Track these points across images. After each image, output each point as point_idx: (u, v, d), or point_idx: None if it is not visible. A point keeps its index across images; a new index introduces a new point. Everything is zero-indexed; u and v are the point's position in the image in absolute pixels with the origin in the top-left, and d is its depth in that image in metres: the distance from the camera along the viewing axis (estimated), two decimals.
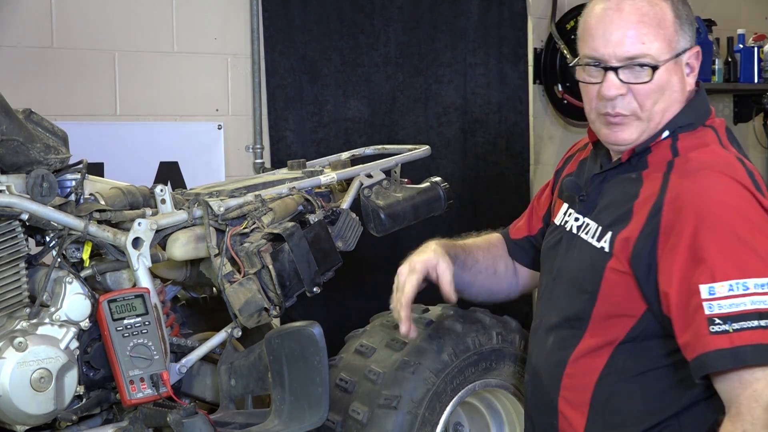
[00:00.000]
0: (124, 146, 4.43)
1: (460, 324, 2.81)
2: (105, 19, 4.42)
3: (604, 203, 2.30)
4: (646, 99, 2.22)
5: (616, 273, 2.19)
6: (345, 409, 2.76)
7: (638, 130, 2.26)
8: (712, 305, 2.01)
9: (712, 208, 2.08)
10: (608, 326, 2.23)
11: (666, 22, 2.21)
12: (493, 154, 5.45)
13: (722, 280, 2.01)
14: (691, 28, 2.25)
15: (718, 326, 1.99)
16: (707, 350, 2.00)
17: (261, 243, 2.87)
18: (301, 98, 4.87)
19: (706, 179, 2.12)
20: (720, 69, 5.93)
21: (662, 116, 2.25)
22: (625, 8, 2.22)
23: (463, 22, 5.33)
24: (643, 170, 2.24)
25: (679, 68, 2.24)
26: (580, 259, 2.30)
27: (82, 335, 2.76)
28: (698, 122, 2.28)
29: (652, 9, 2.21)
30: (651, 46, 2.20)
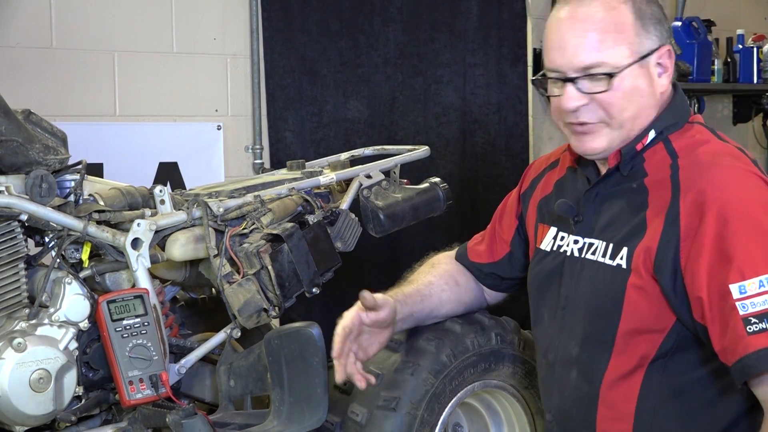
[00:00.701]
0: (123, 147, 4.43)
1: (459, 325, 2.80)
2: (104, 20, 4.42)
3: (606, 219, 2.21)
4: (610, 107, 2.14)
5: (638, 289, 2.10)
6: (344, 411, 2.76)
7: (608, 138, 2.18)
8: (746, 304, 1.93)
9: (732, 203, 2.00)
10: (635, 345, 2.13)
11: (624, 26, 2.11)
12: (492, 155, 5.45)
13: (752, 277, 1.93)
14: (658, 27, 2.14)
15: (755, 325, 1.91)
16: (748, 352, 1.92)
17: (260, 244, 2.87)
18: (301, 98, 4.87)
19: (720, 175, 2.06)
20: (719, 69, 5.93)
21: (634, 122, 2.16)
22: (578, 16, 2.13)
23: (462, 23, 5.33)
24: (644, 178, 2.16)
25: (646, 71, 2.14)
26: (595, 281, 2.19)
27: (81, 336, 2.77)
28: (682, 121, 2.21)
29: (608, 14, 2.10)
30: (608, 54, 2.10)
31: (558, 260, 2.31)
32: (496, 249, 2.63)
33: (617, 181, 2.21)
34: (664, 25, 2.16)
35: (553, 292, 2.33)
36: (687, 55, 5.71)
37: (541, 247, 2.39)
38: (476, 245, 2.69)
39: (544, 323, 2.37)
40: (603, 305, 2.17)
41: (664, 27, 2.16)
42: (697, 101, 5.97)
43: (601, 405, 2.20)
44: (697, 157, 2.12)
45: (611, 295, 2.14)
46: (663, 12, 2.18)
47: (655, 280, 2.08)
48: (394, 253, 4.95)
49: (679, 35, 5.72)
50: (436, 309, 2.66)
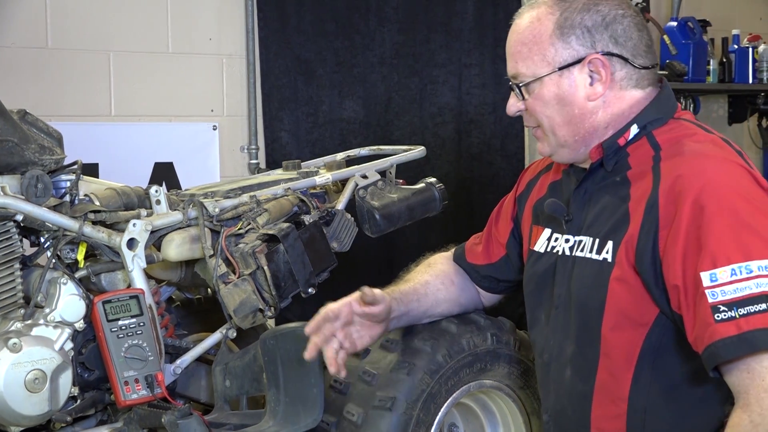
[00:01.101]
0: (118, 147, 4.43)
1: (455, 325, 2.80)
2: (100, 20, 4.42)
3: (593, 215, 2.23)
4: (536, 114, 2.24)
5: (621, 282, 2.12)
6: (340, 411, 2.76)
7: (548, 143, 2.28)
8: (716, 292, 1.94)
9: (709, 190, 2.01)
10: (622, 341, 2.14)
11: (543, 37, 2.18)
12: (488, 155, 5.45)
13: (724, 265, 1.94)
14: (585, 36, 2.17)
15: (724, 313, 1.92)
16: (714, 340, 1.93)
17: (256, 244, 2.87)
18: (296, 99, 4.87)
19: (700, 163, 2.07)
20: (715, 69, 5.94)
21: (567, 129, 2.22)
22: (512, 27, 2.26)
23: (458, 23, 5.34)
24: (627, 171, 2.19)
25: (570, 80, 2.18)
26: (583, 277, 2.22)
27: (77, 336, 2.76)
28: (667, 116, 2.23)
29: (530, 25, 2.21)
30: (523, 65, 2.21)
31: (551, 261, 2.33)
32: (493, 251, 2.64)
33: (603, 176, 2.24)
34: (602, 33, 2.17)
35: (547, 293, 2.35)
36: (682, 55, 5.71)
37: (536, 248, 2.40)
38: (474, 246, 2.70)
39: (540, 324, 2.39)
40: (589, 300, 2.19)
41: (602, 34, 2.17)
42: (692, 101, 5.97)
43: (595, 403, 2.21)
44: (679, 148, 2.14)
45: (596, 289, 2.16)
46: (610, 18, 2.18)
47: (636, 271, 2.09)
48: (390, 254, 4.95)
49: (675, 35, 5.73)
50: (432, 308, 2.68)
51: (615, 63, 2.18)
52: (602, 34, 2.17)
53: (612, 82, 2.19)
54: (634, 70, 2.20)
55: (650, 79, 2.24)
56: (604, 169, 2.23)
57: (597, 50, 2.17)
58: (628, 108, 2.21)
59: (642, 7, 5.60)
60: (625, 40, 2.18)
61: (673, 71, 5.63)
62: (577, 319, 2.23)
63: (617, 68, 2.18)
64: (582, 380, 2.23)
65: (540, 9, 2.21)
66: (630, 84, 2.21)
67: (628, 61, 2.19)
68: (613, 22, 2.18)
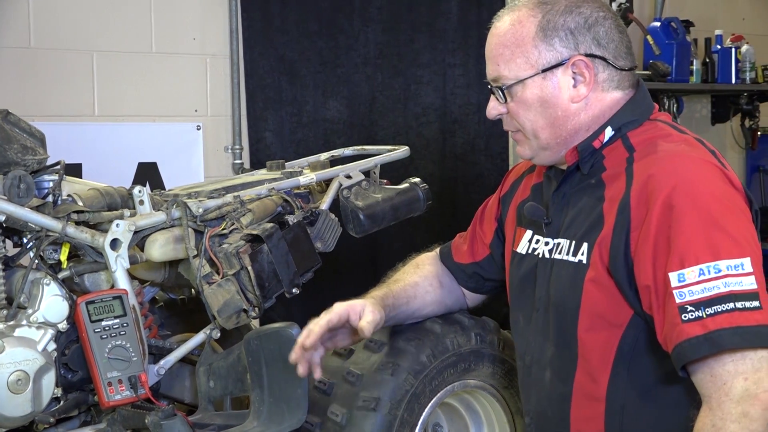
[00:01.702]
0: (102, 147, 4.42)
1: (439, 325, 2.80)
2: (83, 20, 4.41)
3: (570, 218, 2.23)
4: (518, 117, 2.25)
5: (595, 283, 2.13)
6: (324, 411, 2.76)
7: (528, 146, 2.28)
8: (683, 292, 1.94)
9: (680, 190, 2.01)
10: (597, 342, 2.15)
11: (525, 39, 2.18)
12: (472, 155, 5.46)
13: (692, 265, 1.95)
14: (568, 38, 2.17)
15: (691, 313, 1.93)
16: (681, 340, 1.94)
17: (240, 244, 2.86)
18: (281, 99, 4.87)
19: (672, 163, 2.07)
20: (698, 70, 5.95)
21: (550, 131, 2.22)
22: (492, 30, 2.25)
23: (442, 23, 5.34)
24: (602, 173, 2.19)
25: (553, 82, 2.18)
26: (560, 280, 2.22)
27: (60, 337, 2.75)
28: (642, 118, 2.23)
29: (511, 28, 2.20)
30: (505, 67, 2.21)
31: (532, 263, 2.34)
32: (477, 250, 2.65)
33: (579, 179, 2.24)
34: (585, 35, 2.17)
35: (528, 295, 2.35)
36: (666, 56, 5.73)
37: (518, 250, 2.41)
38: (459, 246, 2.71)
39: (521, 326, 2.39)
40: (566, 302, 2.19)
41: (585, 36, 2.17)
42: (676, 101, 5.99)
43: (573, 404, 2.21)
44: (653, 149, 2.14)
45: (572, 291, 2.17)
46: (593, 20, 2.18)
47: (609, 273, 2.10)
48: (374, 254, 4.95)
49: (658, 36, 5.74)
50: (419, 310, 2.69)
51: (598, 64, 2.18)
52: (585, 36, 2.17)
53: (595, 83, 2.19)
54: (616, 71, 2.21)
55: (630, 81, 2.25)
56: (580, 172, 2.24)
57: (580, 52, 2.17)
58: (608, 109, 2.22)
59: (625, 8, 5.62)
60: (607, 42, 2.19)
61: (656, 71, 5.65)
62: (555, 321, 2.24)
63: (600, 70, 2.19)
64: (561, 382, 2.24)
65: (521, 12, 2.21)
66: (611, 85, 2.21)
67: (610, 63, 2.19)
68: (596, 24, 2.18)
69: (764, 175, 6.67)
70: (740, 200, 2.08)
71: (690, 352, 1.94)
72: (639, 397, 2.14)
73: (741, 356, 1.92)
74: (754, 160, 6.67)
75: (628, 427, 2.16)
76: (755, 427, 1.90)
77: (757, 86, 6.22)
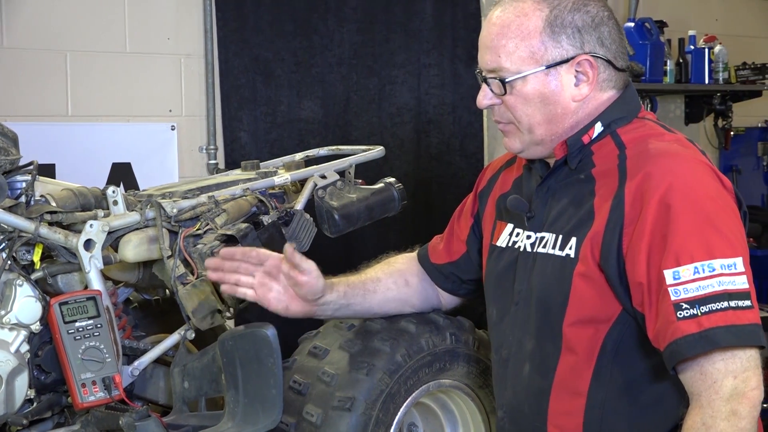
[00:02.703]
0: (75, 147, 4.40)
1: (414, 325, 2.81)
2: (56, 19, 4.39)
3: (556, 212, 2.23)
4: (514, 110, 2.21)
5: (584, 278, 2.12)
6: (299, 411, 2.76)
7: (520, 140, 2.25)
8: (678, 290, 1.95)
9: (676, 189, 2.02)
10: (583, 337, 2.15)
11: (531, 33, 2.16)
12: (447, 155, 5.47)
13: (687, 263, 1.96)
14: (577, 36, 2.16)
15: (686, 311, 1.94)
16: (676, 337, 1.94)
17: (214, 244, 2.85)
18: (255, 99, 4.86)
19: (667, 162, 2.07)
20: (671, 70, 5.98)
21: (546, 127, 2.21)
22: (492, 19, 2.21)
23: (416, 23, 5.34)
24: (592, 169, 2.19)
25: (557, 79, 2.17)
26: (545, 273, 2.22)
27: (33, 338, 2.74)
28: (631, 116, 2.24)
29: (516, 19, 2.17)
30: (507, 59, 2.18)
31: (513, 256, 2.33)
32: (454, 249, 2.65)
33: (566, 174, 2.25)
34: (591, 34, 2.17)
35: (507, 288, 2.35)
36: (640, 56, 5.75)
37: (497, 243, 2.41)
38: (436, 246, 2.72)
39: (499, 320, 2.39)
40: (551, 295, 2.19)
41: (591, 36, 2.17)
42: (649, 101, 6.02)
43: (552, 399, 2.21)
44: (645, 147, 2.14)
45: (559, 284, 2.17)
46: (599, 20, 2.19)
47: (600, 268, 2.10)
48: (349, 254, 4.95)
49: (632, 36, 5.77)
50: (379, 306, 2.69)
51: (600, 64, 2.19)
52: (591, 35, 2.17)
53: (596, 83, 2.20)
54: (616, 72, 2.22)
55: (625, 80, 2.26)
56: (567, 166, 2.24)
57: (585, 51, 2.17)
58: (601, 106, 2.23)
59: None
60: (610, 42, 2.19)
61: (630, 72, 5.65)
62: (538, 314, 2.23)
63: (601, 70, 2.19)
64: (541, 375, 2.23)
65: (525, 3, 2.18)
66: (609, 85, 2.23)
67: (611, 63, 2.20)
68: (601, 24, 2.18)
69: (737, 175, 6.72)
70: (731, 200, 2.10)
71: (685, 349, 1.94)
72: (621, 393, 2.15)
73: (731, 355, 1.94)
74: (727, 160, 6.72)
75: (607, 423, 2.16)
76: (743, 425, 1.92)
77: (730, 86, 6.26)
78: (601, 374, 2.15)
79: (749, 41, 6.77)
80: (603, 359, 2.15)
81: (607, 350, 2.14)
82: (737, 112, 6.49)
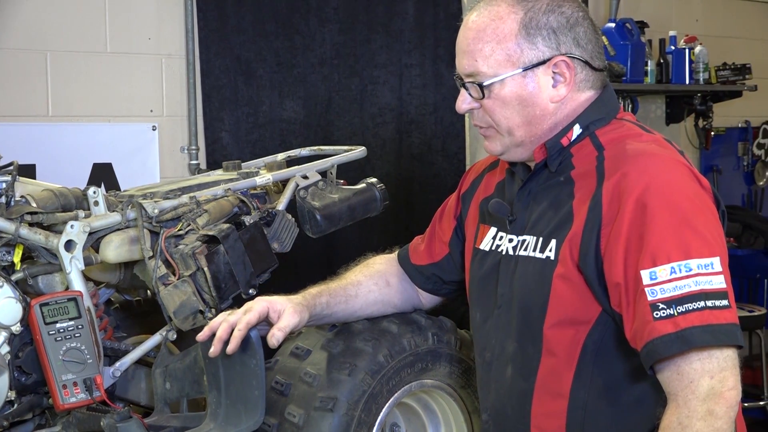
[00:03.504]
0: (56, 147, 4.38)
1: (396, 325, 2.81)
2: (37, 19, 4.37)
3: (537, 214, 2.24)
4: (493, 114, 2.22)
5: (564, 279, 2.13)
6: (281, 412, 2.75)
7: (500, 143, 2.26)
8: (655, 290, 1.96)
9: (653, 189, 2.03)
10: (564, 338, 2.15)
11: (507, 36, 2.16)
12: (428, 155, 5.47)
13: (664, 264, 1.97)
14: (553, 37, 2.17)
15: (663, 311, 1.95)
16: (653, 337, 1.95)
17: (196, 245, 2.85)
18: (237, 99, 4.85)
19: (644, 162, 2.08)
20: (652, 70, 6.00)
21: (526, 129, 2.21)
22: (468, 23, 2.22)
23: (398, 24, 5.34)
24: (571, 171, 2.20)
25: (534, 81, 2.18)
26: (525, 276, 2.22)
27: (14, 339, 2.73)
28: (609, 117, 2.25)
29: (492, 23, 2.18)
30: (484, 63, 2.19)
31: (495, 260, 2.34)
32: (436, 250, 2.65)
33: (547, 177, 2.25)
34: (566, 35, 2.18)
35: (490, 292, 2.35)
36: (621, 56, 5.77)
37: (481, 246, 2.41)
38: (417, 247, 2.72)
39: (482, 323, 2.39)
40: (532, 298, 2.19)
41: (566, 36, 2.18)
42: (630, 102, 6.03)
43: (535, 401, 2.22)
44: (623, 147, 2.15)
45: (539, 287, 2.17)
46: (573, 20, 2.19)
47: (579, 270, 2.10)
48: (331, 254, 4.95)
49: (613, 36, 5.78)
50: (362, 309, 2.71)
51: (577, 65, 2.20)
52: (567, 36, 2.18)
53: (573, 83, 2.20)
54: (593, 72, 2.22)
55: (603, 80, 2.27)
56: (548, 169, 2.24)
57: (562, 52, 2.18)
58: (579, 106, 2.23)
59: None
60: (586, 42, 2.20)
61: (611, 72, 5.68)
62: (519, 317, 2.24)
63: (578, 70, 2.20)
64: (523, 378, 2.24)
65: (500, 7, 2.19)
66: (587, 85, 2.23)
67: (588, 64, 2.20)
68: (576, 25, 2.19)
69: (718, 175, 6.75)
70: (709, 200, 2.10)
71: (661, 349, 1.95)
72: (602, 394, 2.15)
73: (708, 355, 1.95)
74: (707, 160, 6.75)
75: (589, 424, 2.17)
76: (720, 425, 1.93)
77: (711, 87, 6.28)
78: (582, 375, 2.16)
79: (729, 42, 6.80)
80: (584, 360, 2.15)
81: (587, 351, 2.15)
82: (718, 113, 6.51)
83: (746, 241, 6.35)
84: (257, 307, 2.42)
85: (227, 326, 2.40)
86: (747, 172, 6.94)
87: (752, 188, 6.95)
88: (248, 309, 2.42)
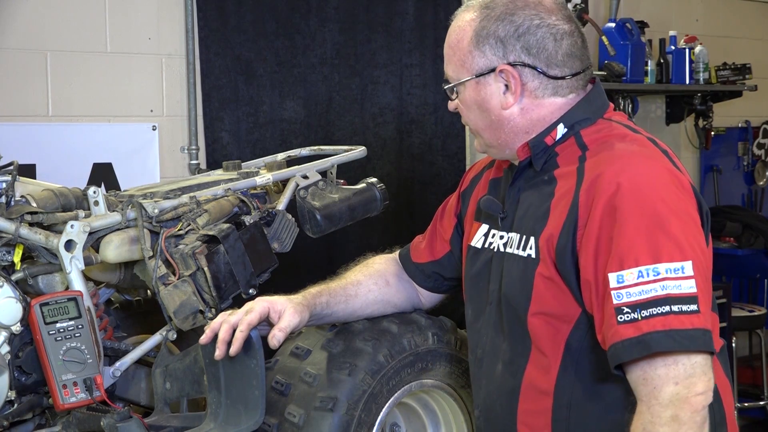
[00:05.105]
0: (56, 147, 4.38)
1: (396, 325, 2.81)
2: (37, 19, 4.37)
3: (522, 212, 2.26)
4: (464, 115, 2.33)
5: (545, 278, 2.15)
6: (281, 412, 2.75)
7: (480, 142, 2.36)
8: (621, 294, 1.96)
9: (625, 190, 2.02)
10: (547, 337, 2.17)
11: (461, 43, 2.25)
12: (429, 155, 5.47)
13: (631, 267, 1.97)
14: (498, 46, 2.20)
15: (627, 315, 1.95)
16: (615, 341, 1.96)
17: (196, 245, 2.85)
18: (237, 99, 4.85)
19: (620, 163, 2.08)
20: (652, 70, 6.00)
21: (490, 133, 2.29)
22: (449, 29, 2.32)
23: (398, 23, 5.34)
24: (555, 170, 2.21)
25: (488, 87, 2.24)
26: (511, 274, 2.25)
27: (14, 339, 2.73)
28: (595, 116, 2.26)
29: (454, 31, 2.28)
30: (449, 67, 2.30)
31: (488, 257, 2.36)
32: (436, 248, 2.67)
33: (532, 175, 2.28)
34: (514, 44, 2.20)
35: (482, 289, 2.37)
36: (621, 56, 5.77)
37: (473, 244, 2.44)
38: (417, 245, 2.74)
39: (474, 320, 2.42)
40: (517, 296, 2.21)
41: (514, 45, 2.20)
42: (631, 102, 6.03)
43: (522, 398, 2.24)
44: (605, 148, 2.16)
45: (523, 284, 2.19)
46: (524, 28, 2.20)
47: (557, 270, 2.12)
48: (331, 254, 4.95)
49: (613, 36, 5.78)
50: (362, 309, 2.72)
51: (527, 73, 2.21)
52: (514, 45, 2.21)
53: (525, 91, 2.23)
54: (548, 80, 2.23)
55: (572, 87, 2.26)
56: (533, 168, 2.27)
57: (509, 60, 2.21)
58: (549, 113, 2.25)
59: (580, 9, 5.65)
60: (537, 50, 2.21)
61: (611, 72, 5.69)
62: (507, 314, 2.26)
63: (529, 78, 2.22)
64: (511, 375, 2.26)
65: (467, 14, 2.26)
66: (546, 93, 2.24)
67: (540, 72, 2.21)
68: (527, 33, 2.20)
69: (718, 175, 6.75)
70: (687, 203, 2.09)
71: (622, 353, 1.96)
72: (586, 393, 2.16)
73: (673, 360, 1.95)
74: (707, 159, 6.75)
75: (574, 422, 2.18)
76: (684, 431, 1.93)
77: (711, 87, 6.28)
78: (566, 373, 2.17)
79: (729, 41, 6.80)
80: (568, 359, 2.17)
81: (572, 350, 2.16)
82: (718, 113, 6.51)
83: (746, 241, 6.36)
84: (258, 308, 2.43)
85: (229, 327, 2.41)
86: (747, 172, 6.94)
87: (752, 188, 6.95)
88: (249, 309, 2.43)
